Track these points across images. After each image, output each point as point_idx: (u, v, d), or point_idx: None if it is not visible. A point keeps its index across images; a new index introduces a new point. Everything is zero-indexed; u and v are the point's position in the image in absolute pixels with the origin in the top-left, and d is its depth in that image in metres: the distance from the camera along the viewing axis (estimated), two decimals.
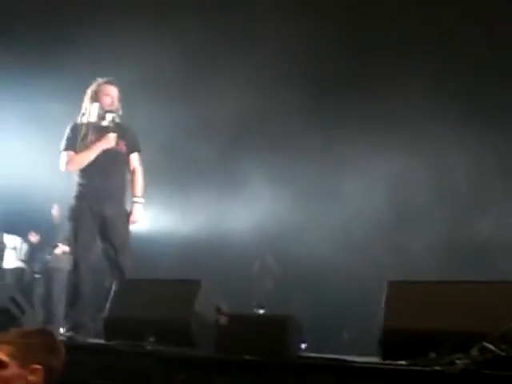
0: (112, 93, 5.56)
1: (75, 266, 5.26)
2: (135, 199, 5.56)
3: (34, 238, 9.60)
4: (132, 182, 5.63)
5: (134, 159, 5.65)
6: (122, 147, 5.55)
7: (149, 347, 4.01)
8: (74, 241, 5.33)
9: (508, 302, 3.32)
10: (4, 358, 2.63)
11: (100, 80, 5.59)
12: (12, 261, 9.72)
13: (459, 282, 3.57)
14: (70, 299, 5.29)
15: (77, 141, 5.44)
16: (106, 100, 5.52)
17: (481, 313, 3.28)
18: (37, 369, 2.69)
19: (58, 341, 2.89)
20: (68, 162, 5.44)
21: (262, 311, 4.06)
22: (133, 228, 5.59)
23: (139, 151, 5.69)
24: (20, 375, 2.65)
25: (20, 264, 9.73)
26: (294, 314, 3.93)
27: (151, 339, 4.09)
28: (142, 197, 5.60)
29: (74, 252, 5.32)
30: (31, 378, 2.67)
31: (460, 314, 3.33)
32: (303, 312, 6.71)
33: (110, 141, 5.45)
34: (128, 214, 5.50)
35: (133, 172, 5.64)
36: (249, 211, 9.65)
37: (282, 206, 9.30)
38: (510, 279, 3.51)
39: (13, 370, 2.64)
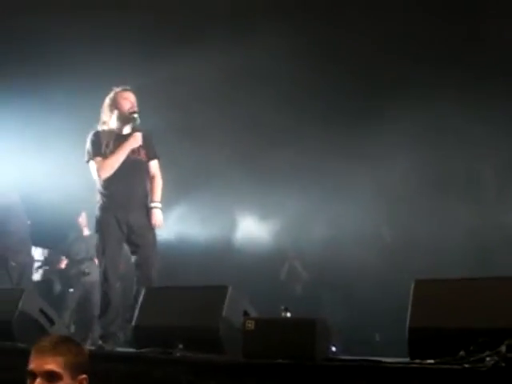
0: (130, 98, 5.52)
1: (104, 276, 5.29)
2: (154, 204, 5.52)
3: (63, 263, 9.63)
4: (151, 188, 5.60)
5: (154, 166, 5.64)
6: (143, 156, 5.55)
7: (178, 354, 4.03)
8: (102, 252, 5.35)
9: None
10: (59, 369, 2.64)
11: (117, 88, 5.56)
12: (40, 273, 9.77)
13: (486, 278, 3.53)
14: (101, 309, 5.33)
15: (102, 146, 5.42)
16: (126, 104, 5.49)
17: (509, 309, 3.24)
18: (84, 379, 2.73)
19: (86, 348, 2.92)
20: (99, 169, 5.40)
21: (288, 315, 4.04)
22: (159, 235, 5.61)
23: (158, 158, 5.67)
24: None
25: (49, 276, 9.77)
26: (325, 317, 3.91)
27: (180, 346, 4.10)
28: (161, 202, 5.57)
29: (103, 263, 5.34)
30: None
31: (488, 310, 3.30)
32: (334, 316, 6.67)
33: (138, 139, 5.45)
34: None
35: (152, 178, 5.61)
36: (276, 214, 9.64)
37: (309, 208, 9.28)
38: None
39: (67, 381, 2.66)
